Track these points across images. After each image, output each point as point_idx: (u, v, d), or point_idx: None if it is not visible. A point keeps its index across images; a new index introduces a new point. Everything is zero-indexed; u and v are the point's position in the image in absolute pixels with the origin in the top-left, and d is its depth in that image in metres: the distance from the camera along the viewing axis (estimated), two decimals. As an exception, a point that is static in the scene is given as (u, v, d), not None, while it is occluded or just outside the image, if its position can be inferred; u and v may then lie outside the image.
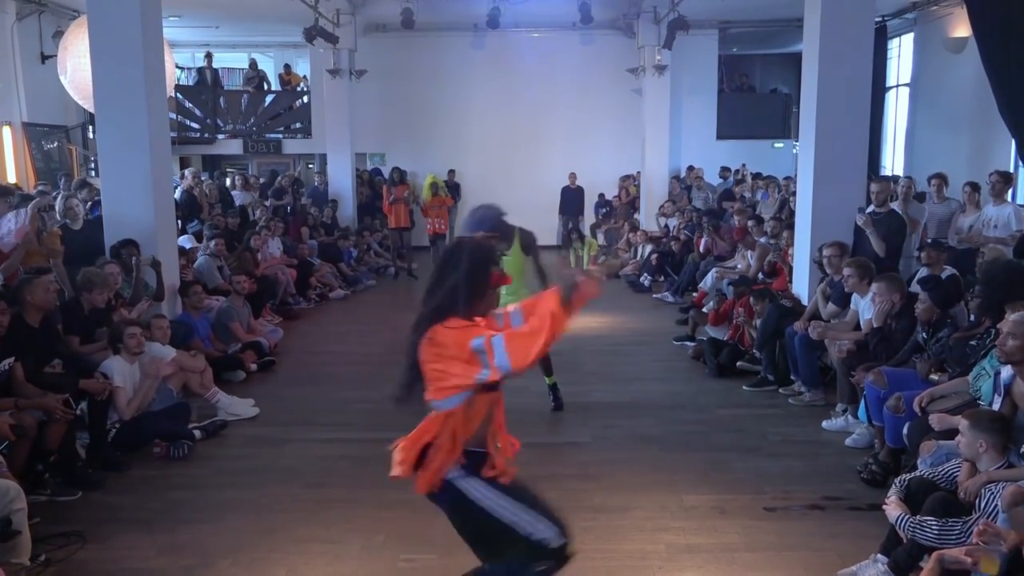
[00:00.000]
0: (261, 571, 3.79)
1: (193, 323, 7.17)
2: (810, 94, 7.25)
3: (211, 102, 16.31)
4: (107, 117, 7.09)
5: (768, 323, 6.72)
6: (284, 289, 10.18)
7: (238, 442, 5.62)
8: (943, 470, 3.67)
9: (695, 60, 16.25)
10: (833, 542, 3.99)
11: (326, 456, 5.28)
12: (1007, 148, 10.81)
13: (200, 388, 6.07)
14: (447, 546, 4.00)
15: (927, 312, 5.09)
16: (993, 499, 3.24)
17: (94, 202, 8.14)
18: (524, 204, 16.44)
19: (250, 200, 12.77)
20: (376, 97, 16.15)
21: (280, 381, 7.19)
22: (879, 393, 4.83)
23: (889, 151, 15.20)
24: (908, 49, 14.44)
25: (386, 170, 15.12)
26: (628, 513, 4.34)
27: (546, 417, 5.98)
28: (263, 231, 10.49)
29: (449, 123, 16.59)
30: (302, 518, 4.35)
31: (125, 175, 7.05)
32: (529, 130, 16.55)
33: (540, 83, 16.35)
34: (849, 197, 7.14)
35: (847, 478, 4.77)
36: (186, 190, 11.26)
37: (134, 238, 6.96)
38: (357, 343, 8.67)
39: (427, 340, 2.62)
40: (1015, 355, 3.58)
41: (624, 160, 16.32)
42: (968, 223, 7.67)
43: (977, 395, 4.19)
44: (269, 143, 17.27)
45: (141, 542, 4.09)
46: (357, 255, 13.30)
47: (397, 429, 5.64)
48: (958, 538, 3.21)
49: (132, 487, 4.83)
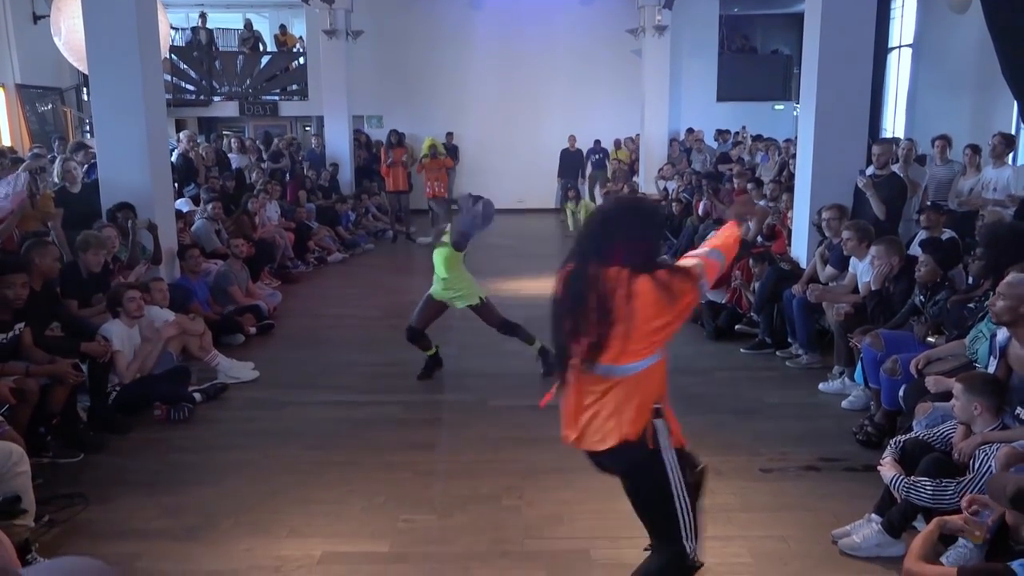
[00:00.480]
0: (263, 531, 3.83)
1: (191, 287, 7.17)
2: (811, 55, 7.16)
3: (206, 63, 16.13)
4: (101, 79, 7.00)
5: (766, 286, 6.72)
6: (282, 253, 10.17)
7: (238, 405, 5.66)
8: (938, 432, 3.70)
9: (695, 21, 16.07)
10: (828, 502, 4.03)
11: (326, 418, 5.31)
12: (1009, 110, 10.73)
13: (200, 351, 6.08)
14: (446, 507, 4.05)
15: (930, 274, 5.08)
16: (987, 460, 3.27)
17: (91, 165, 8.08)
18: (523, 166, 16.61)
19: (247, 163, 12.69)
20: (373, 58, 15.98)
21: (279, 344, 7.21)
22: (876, 355, 4.85)
23: (890, 113, 15.07)
24: (912, 10, 14.24)
25: (383, 133, 15.01)
26: (626, 474, 4.38)
27: (545, 380, 5.99)
28: (261, 195, 10.44)
29: (447, 85, 16.43)
30: (303, 479, 4.39)
31: (120, 137, 6.99)
32: (528, 92, 16.41)
33: (539, 44, 16.17)
34: (850, 159, 7.10)
35: (843, 440, 4.82)
36: (182, 153, 11.17)
37: (131, 201, 6.92)
38: (355, 306, 8.69)
39: (647, 294, 2.47)
40: (1004, 316, 3.59)
41: (623, 122, 16.20)
42: (968, 186, 7.63)
43: (974, 358, 4.20)
44: (265, 105, 17.11)
45: (144, 503, 4.14)
46: (355, 218, 13.26)
47: (395, 392, 5.71)
48: (951, 498, 3.24)
49: (134, 449, 4.87)
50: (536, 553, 3.62)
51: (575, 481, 4.32)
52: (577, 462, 4.55)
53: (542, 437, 4.92)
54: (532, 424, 5.19)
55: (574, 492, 4.20)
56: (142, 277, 6.46)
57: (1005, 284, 3.63)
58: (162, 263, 7.11)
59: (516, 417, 5.32)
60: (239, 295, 7.69)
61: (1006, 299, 3.57)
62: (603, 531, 3.79)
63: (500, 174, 16.46)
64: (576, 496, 4.16)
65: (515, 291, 9.10)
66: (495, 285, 9.46)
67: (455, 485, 4.29)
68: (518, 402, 5.58)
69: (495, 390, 5.80)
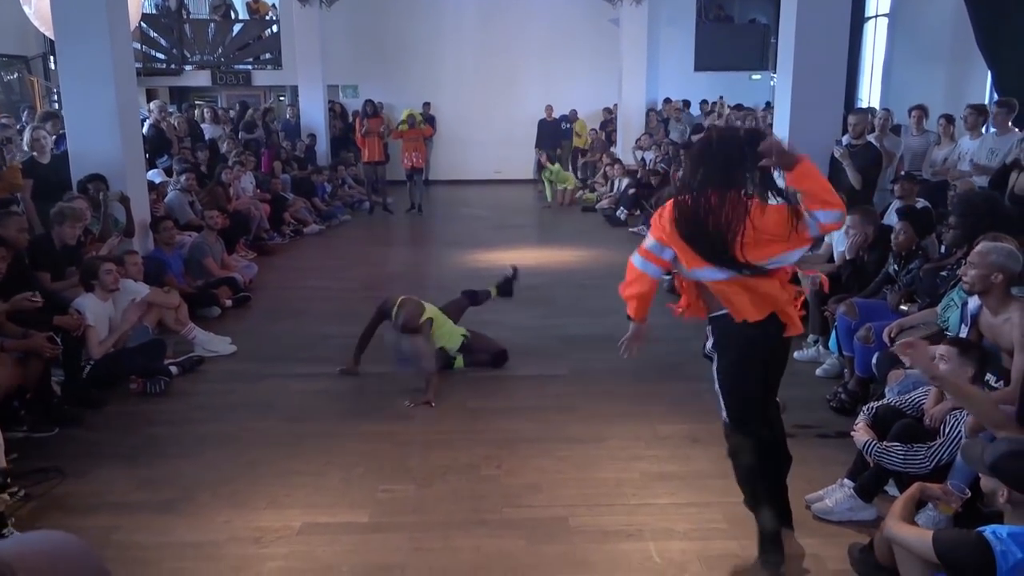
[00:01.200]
0: (242, 502, 3.83)
1: (166, 259, 7.08)
2: (788, 25, 7.17)
3: (177, 31, 15.81)
4: (68, 46, 6.84)
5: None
6: (258, 224, 10.07)
7: (215, 378, 5.62)
8: (910, 398, 3.76)
9: (673, -11, 15.97)
10: (802, 468, 4.07)
11: (304, 391, 5.30)
12: (983, 80, 10.81)
13: (176, 324, 6.03)
14: (425, 476, 4.07)
15: (907, 242, 5.13)
16: (957, 426, 3.33)
17: (59, 136, 7.92)
18: (501, 137, 16.53)
19: (220, 134, 12.51)
20: (348, 27, 15.75)
21: (256, 317, 7.17)
22: (850, 324, 4.91)
23: (866, 83, 15.13)
24: (889, -22, 14.25)
25: (359, 103, 14.85)
26: (603, 443, 4.42)
27: (524, 350, 6.02)
28: (236, 166, 10.31)
29: (424, 54, 16.26)
30: (281, 451, 4.38)
31: (89, 107, 6.85)
32: (505, 62, 16.28)
33: (516, 13, 16.03)
34: (826, 129, 7.13)
35: (817, 407, 4.88)
36: (154, 124, 10.99)
37: (101, 172, 6.80)
38: (332, 278, 8.64)
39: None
40: (976, 285, 3.64)
41: (601, 92, 16.14)
42: (942, 156, 7.70)
43: (945, 326, 4.26)
44: (238, 74, 16.83)
45: (120, 477, 4.11)
46: (331, 190, 13.15)
47: (373, 363, 5.70)
48: (922, 463, 3.31)
49: (110, 423, 4.83)
50: (515, 521, 3.65)
51: (553, 450, 4.36)
52: (555, 431, 4.61)
53: (520, 407, 4.97)
54: (510, 394, 5.22)
55: (552, 461, 4.23)
56: (115, 250, 6.37)
57: (976, 253, 3.68)
58: (135, 235, 7.01)
59: (494, 387, 5.34)
60: (214, 267, 7.62)
61: (977, 268, 3.62)
62: (581, 499, 3.83)
63: (477, 144, 16.38)
64: (554, 465, 4.19)
65: (493, 262, 9.08)
66: (473, 256, 9.46)
67: (434, 455, 4.31)
68: (496, 373, 5.60)
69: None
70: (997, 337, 3.66)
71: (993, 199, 5.09)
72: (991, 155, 7.05)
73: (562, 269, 8.91)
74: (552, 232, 11.83)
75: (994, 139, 7.13)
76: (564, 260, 9.42)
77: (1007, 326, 3.57)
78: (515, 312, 7.05)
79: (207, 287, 7.26)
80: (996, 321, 3.65)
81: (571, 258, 9.52)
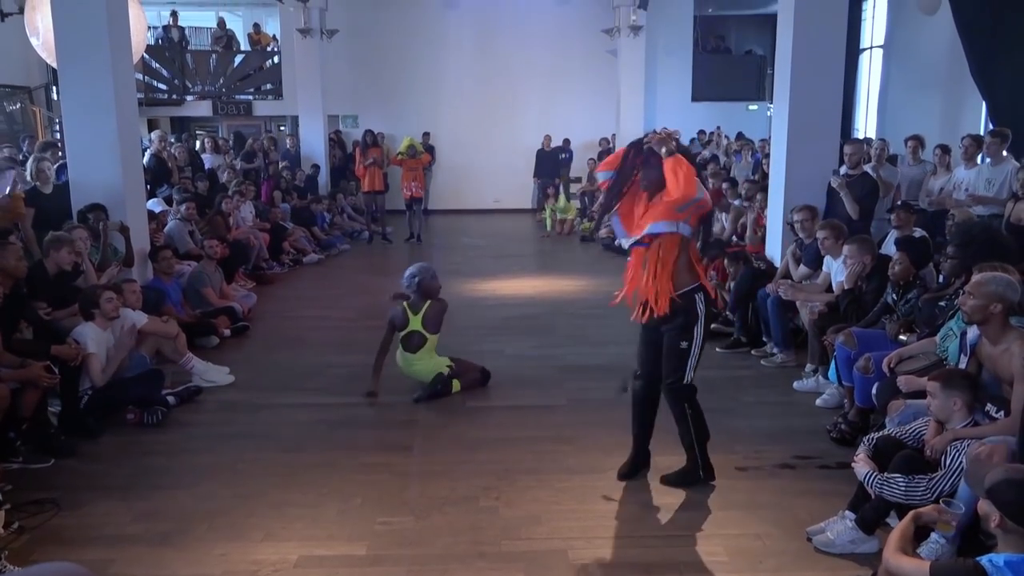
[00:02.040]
0: (238, 535, 3.79)
1: (165, 288, 7.08)
2: (784, 56, 7.23)
3: (178, 62, 15.96)
4: (71, 78, 6.89)
5: (741, 285, 6.77)
6: (257, 254, 10.09)
7: (212, 408, 5.60)
8: (910, 429, 3.74)
9: (670, 21, 16.16)
10: (803, 500, 4.07)
11: (301, 421, 5.27)
12: (978, 110, 10.90)
13: (174, 354, 6.01)
14: (423, 508, 4.04)
15: (904, 272, 5.14)
16: (958, 457, 3.31)
17: (60, 165, 7.96)
18: (499, 166, 16.61)
19: (219, 163, 12.57)
20: (348, 58, 15.90)
21: (254, 346, 7.15)
22: (849, 354, 4.90)
23: (862, 113, 15.26)
24: (882, 11, 14.43)
25: (359, 132, 14.96)
26: (603, 474, 4.39)
27: (521, 381, 6.01)
28: (235, 195, 10.35)
29: (423, 85, 16.39)
30: (278, 483, 4.35)
31: (91, 137, 6.89)
32: (504, 92, 16.42)
33: (514, 44, 16.19)
34: (823, 159, 7.17)
35: (817, 437, 4.86)
36: (155, 154, 11.05)
37: (102, 202, 6.82)
38: (331, 307, 8.63)
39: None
40: (975, 315, 3.65)
41: (599, 122, 16.26)
42: (939, 185, 7.74)
43: (944, 355, 4.26)
44: (239, 105, 16.97)
45: (116, 508, 4.08)
46: (330, 219, 13.19)
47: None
48: (923, 495, 3.29)
49: (106, 454, 4.80)
50: (514, 554, 3.61)
51: (552, 481, 4.33)
52: (554, 462, 4.58)
53: (519, 437, 4.94)
54: (509, 425, 5.19)
55: (551, 492, 4.20)
56: (114, 279, 6.38)
57: (974, 283, 3.68)
58: (134, 265, 7.02)
59: (493, 418, 5.32)
60: (213, 296, 7.62)
61: (976, 298, 3.62)
62: (580, 531, 3.80)
63: (476, 174, 16.47)
64: (553, 496, 4.16)
65: (492, 291, 9.09)
66: (472, 285, 9.47)
67: (432, 486, 4.28)
68: (495, 403, 5.59)
69: (471, 391, 5.79)
70: (997, 367, 3.65)
71: (991, 229, 5.11)
72: (988, 185, 7.10)
73: (561, 298, 8.91)
74: (551, 261, 11.85)
75: (990, 169, 7.18)
76: (563, 289, 9.42)
77: (1006, 356, 3.57)
78: (513, 341, 7.06)
79: (205, 317, 7.25)
80: (995, 351, 3.64)
81: (570, 287, 9.52)
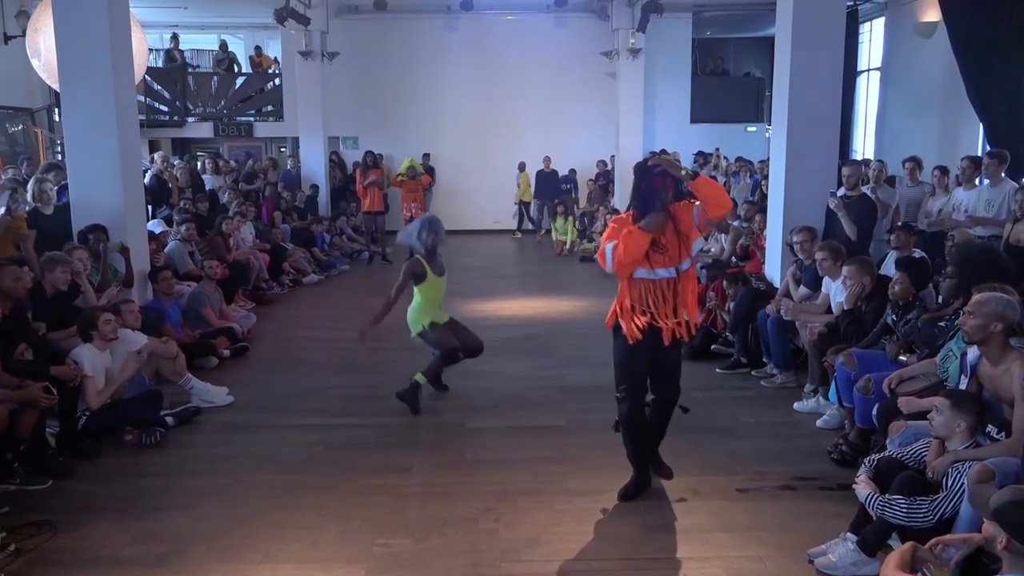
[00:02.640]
0: (236, 557, 3.77)
1: (164, 309, 7.08)
2: (782, 78, 7.27)
3: (180, 84, 16.06)
4: (73, 98, 6.94)
5: (741, 306, 6.77)
6: (257, 274, 10.09)
7: (211, 429, 5.58)
8: (911, 450, 3.73)
9: (669, 43, 16.26)
10: (804, 521, 4.05)
11: (301, 442, 5.25)
12: (975, 131, 10.95)
13: (173, 375, 6.00)
14: (423, 530, 4.02)
15: (904, 292, 5.15)
16: (960, 478, 3.30)
17: (62, 186, 7.99)
18: (499, 188, 16.66)
19: (220, 184, 12.61)
20: (349, 80, 15.99)
21: (254, 367, 7.14)
22: (849, 374, 4.89)
23: (860, 135, 15.34)
24: (879, 33, 14.54)
25: (359, 154, 15.02)
26: (603, 496, 4.37)
27: (522, 402, 5.99)
28: (236, 216, 10.38)
29: (423, 107, 16.48)
30: (277, 504, 4.33)
31: (92, 158, 6.92)
32: (504, 114, 16.50)
33: (514, 66, 16.28)
34: (821, 180, 7.19)
35: (818, 458, 4.84)
36: (156, 175, 11.09)
37: (103, 223, 6.84)
38: (331, 328, 8.62)
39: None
40: (976, 334, 3.64)
41: (598, 143, 16.32)
42: (938, 206, 7.77)
43: (944, 376, 4.25)
44: (240, 126, 17.03)
45: (114, 530, 4.06)
46: (330, 239, 13.21)
47: (371, 414, 5.67)
48: (926, 516, 3.27)
49: (104, 475, 4.78)
50: (514, 576, 3.59)
51: (552, 503, 4.31)
52: (554, 484, 4.56)
53: (519, 458, 4.93)
54: (509, 446, 5.18)
55: (551, 514, 4.18)
56: (113, 299, 6.38)
57: (975, 303, 3.69)
58: (133, 285, 7.02)
59: (493, 439, 5.30)
60: (212, 317, 7.62)
61: (977, 317, 3.62)
62: (581, 554, 3.78)
63: (476, 195, 16.51)
64: (553, 518, 4.14)
65: (492, 312, 9.09)
66: (472, 306, 9.46)
67: (431, 508, 4.26)
68: (495, 424, 5.57)
69: (472, 412, 5.78)
70: (997, 388, 3.65)
71: (990, 250, 5.12)
72: (988, 206, 7.12)
73: (561, 319, 8.91)
74: (551, 282, 11.85)
75: (989, 190, 7.20)
76: (563, 310, 9.42)
77: (1007, 377, 3.56)
78: (514, 362, 7.05)
79: (205, 337, 7.24)
80: (995, 372, 3.64)
81: (570, 308, 9.52)
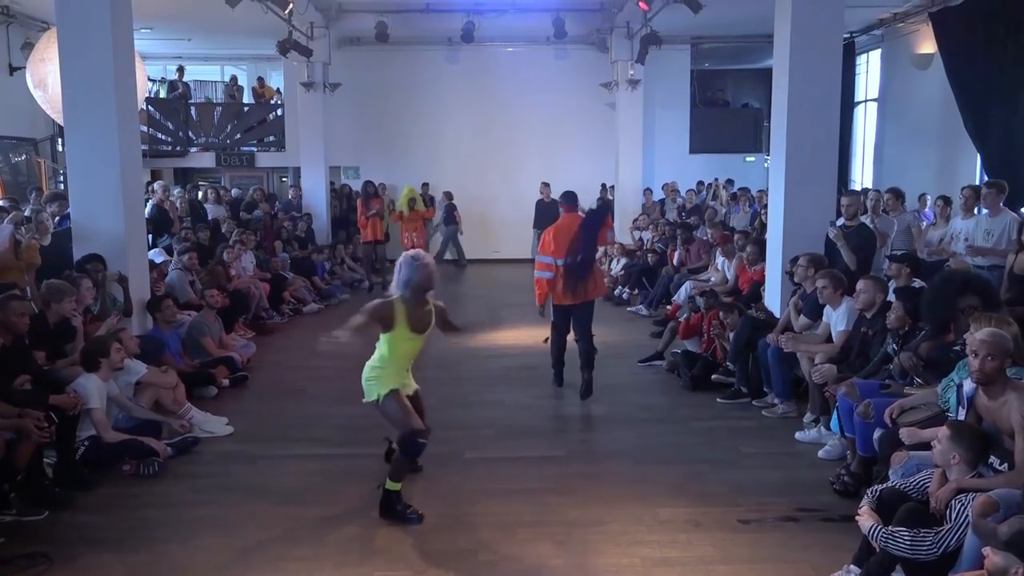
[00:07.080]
0: (233, 590, 3.74)
1: (164, 338, 7.07)
2: (781, 109, 7.34)
3: (183, 114, 16.18)
4: (76, 129, 6.98)
5: (741, 336, 6.76)
6: (257, 303, 10.08)
7: (210, 459, 5.55)
8: (914, 481, 3.71)
9: (668, 75, 16.39)
10: (806, 553, 4.01)
11: (300, 473, 5.22)
12: (973, 161, 11.03)
13: (173, 405, 5.98)
14: (422, 562, 3.98)
15: (899, 321, 5.16)
16: (963, 509, 3.27)
17: (63, 216, 8.02)
18: (500, 218, 16.69)
19: (221, 214, 12.66)
20: (350, 111, 16.11)
21: (253, 397, 7.11)
22: (851, 405, 4.87)
23: (858, 165, 15.45)
24: (876, 65, 14.70)
25: (359, 183, 15.10)
26: (603, 527, 4.34)
27: (522, 432, 5.97)
28: (236, 245, 10.40)
29: (423, 137, 16.58)
30: (275, 536, 4.29)
31: (95, 188, 6.95)
32: (503, 144, 16.59)
33: (514, 97, 16.41)
34: (820, 210, 7.22)
35: (820, 489, 4.81)
36: (156, 204, 11.13)
37: (104, 252, 6.84)
38: (331, 358, 8.55)
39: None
40: (994, 376, 3.58)
41: (598, 174, 16.40)
42: (937, 236, 7.79)
43: (946, 407, 4.23)
44: (242, 156, 17.14)
45: (110, 562, 4.02)
46: (330, 268, 13.23)
47: (370, 445, 5.64)
48: (929, 549, 3.24)
49: (101, 506, 4.74)
50: (513, 609, 3.55)
51: (552, 535, 4.27)
52: (554, 515, 4.52)
53: (519, 489, 4.89)
54: (509, 476, 5.14)
55: (551, 546, 4.14)
56: (112, 328, 6.37)
57: (991, 345, 3.57)
58: (132, 314, 7.02)
59: (492, 469, 5.27)
60: (212, 346, 7.60)
61: (995, 359, 3.54)
62: (581, 586, 3.74)
63: (475, 224, 16.55)
64: (553, 550, 4.10)
65: (492, 342, 9.07)
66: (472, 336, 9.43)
67: (431, 539, 4.22)
68: (494, 454, 5.54)
69: (471, 442, 5.75)
70: (996, 420, 3.63)
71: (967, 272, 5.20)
72: (987, 236, 7.14)
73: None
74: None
75: (987, 220, 7.23)
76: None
77: (1005, 409, 3.54)
78: (514, 392, 7.03)
79: (204, 367, 7.22)
80: (993, 404, 3.62)
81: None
